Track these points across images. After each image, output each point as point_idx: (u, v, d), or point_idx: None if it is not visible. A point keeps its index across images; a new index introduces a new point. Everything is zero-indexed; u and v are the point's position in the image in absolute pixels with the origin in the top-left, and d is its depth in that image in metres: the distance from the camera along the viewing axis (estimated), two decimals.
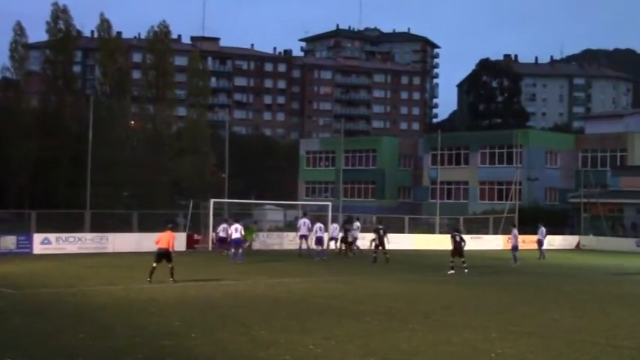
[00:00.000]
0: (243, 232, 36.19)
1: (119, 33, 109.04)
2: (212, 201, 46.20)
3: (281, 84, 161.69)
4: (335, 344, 14.67)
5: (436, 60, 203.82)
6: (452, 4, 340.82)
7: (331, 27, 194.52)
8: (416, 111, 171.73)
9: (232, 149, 56.13)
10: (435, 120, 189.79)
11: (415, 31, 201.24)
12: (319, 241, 39.99)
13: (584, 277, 32.14)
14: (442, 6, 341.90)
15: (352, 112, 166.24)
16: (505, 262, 38.99)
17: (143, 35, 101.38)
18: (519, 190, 65.12)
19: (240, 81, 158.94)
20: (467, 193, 79.07)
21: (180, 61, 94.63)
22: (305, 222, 41.77)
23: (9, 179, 72.22)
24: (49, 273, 28.75)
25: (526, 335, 16.29)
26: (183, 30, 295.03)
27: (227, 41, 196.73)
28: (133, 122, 78.85)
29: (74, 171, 62.55)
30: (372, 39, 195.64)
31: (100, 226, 43.99)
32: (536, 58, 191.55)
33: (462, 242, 32.38)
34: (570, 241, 60.43)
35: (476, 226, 60.12)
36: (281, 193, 76.77)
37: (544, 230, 45.29)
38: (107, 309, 19.03)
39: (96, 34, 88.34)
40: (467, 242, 34.06)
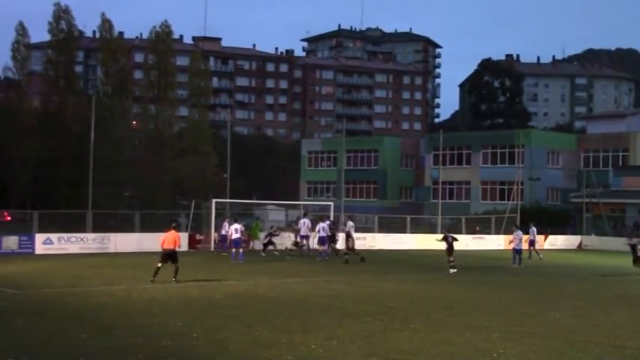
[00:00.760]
0: (243, 232, 36.26)
1: (121, 33, 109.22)
2: (214, 201, 46.19)
3: (283, 84, 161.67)
4: (337, 344, 14.67)
5: (438, 60, 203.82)
6: (453, 4, 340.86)
7: (333, 27, 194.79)
8: (418, 111, 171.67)
9: (234, 149, 56.16)
10: (437, 120, 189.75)
11: (417, 31, 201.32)
12: (322, 241, 40.02)
13: (586, 278, 32.11)
14: (444, 6, 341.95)
15: (354, 112, 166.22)
16: (506, 263, 38.95)
17: (145, 35, 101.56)
18: (521, 190, 65.08)
19: (241, 81, 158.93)
20: (469, 193, 79.06)
21: (181, 61, 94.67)
22: (305, 222, 41.76)
23: (11, 179, 72.27)
24: (51, 273, 28.76)
25: (528, 335, 16.27)
26: (185, 30, 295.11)
27: (229, 41, 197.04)
28: (135, 122, 78.89)
29: (76, 171, 62.59)
30: (374, 39, 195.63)
31: (102, 227, 44.02)
32: (538, 58, 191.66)
33: (454, 242, 33.09)
34: (572, 241, 60.37)
35: (478, 226, 60.07)
36: (283, 194, 76.76)
37: (535, 230, 45.13)
38: (109, 309, 19.03)
39: (97, 35, 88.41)
40: (468, 242, 34.35)
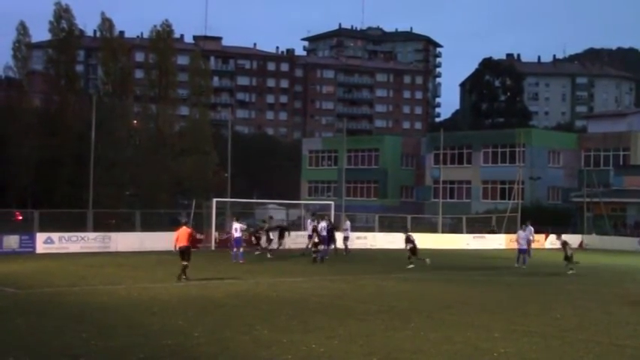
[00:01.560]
0: (244, 231, 36.40)
1: (121, 32, 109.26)
2: (214, 200, 46.19)
3: (283, 83, 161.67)
4: (338, 343, 14.67)
5: (438, 59, 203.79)
6: (454, 4, 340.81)
7: (334, 26, 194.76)
8: (418, 110, 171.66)
9: (235, 149, 56.14)
10: (438, 119, 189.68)
11: (418, 31, 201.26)
12: (323, 241, 40.12)
13: (586, 277, 32.09)
14: (444, 5, 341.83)
15: (355, 112, 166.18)
16: (507, 262, 38.94)
17: (146, 35, 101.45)
18: (522, 190, 65.04)
19: (242, 80, 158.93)
20: (469, 193, 79.07)
21: (182, 61, 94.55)
22: (309, 222, 42.26)
23: (11, 179, 72.28)
24: (52, 272, 28.77)
25: (528, 334, 16.27)
26: (185, 29, 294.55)
27: (229, 40, 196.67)
28: (136, 121, 78.88)
29: (77, 170, 62.60)
30: (375, 38, 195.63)
31: (103, 226, 44.03)
32: (538, 58, 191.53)
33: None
34: (573, 241, 59.89)
35: (478, 226, 60.08)
36: (284, 193, 76.76)
37: (532, 229, 45.01)
38: (109, 308, 19.03)
39: (98, 34, 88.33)
40: (469, 242, 34.70)
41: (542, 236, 50.92)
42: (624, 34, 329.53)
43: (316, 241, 36.75)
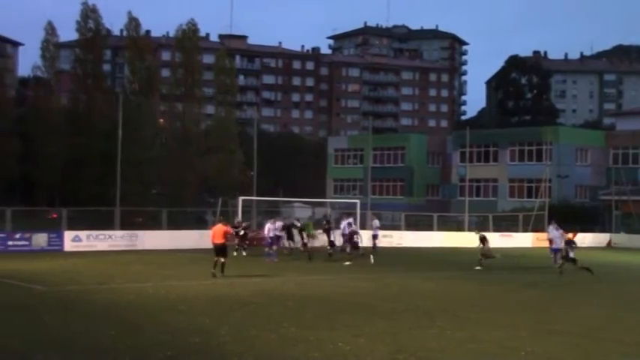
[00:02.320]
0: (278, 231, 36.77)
1: (148, 31, 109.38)
2: (240, 199, 46.30)
3: (309, 82, 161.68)
4: (364, 342, 14.65)
5: (464, 57, 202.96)
6: (480, 1, 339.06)
7: (359, 24, 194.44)
8: (444, 108, 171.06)
9: (260, 147, 56.23)
10: (464, 117, 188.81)
11: (443, 28, 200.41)
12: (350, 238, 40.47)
13: (614, 275, 31.81)
14: (470, 3, 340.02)
15: (380, 110, 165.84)
16: (533, 260, 38.69)
17: (171, 34, 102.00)
18: (549, 188, 64.65)
19: (268, 79, 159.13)
20: (496, 191, 78.66)
21: (208, 59, 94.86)
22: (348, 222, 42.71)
23: (40, 177, 72.96)
24: (80, 270, 28.99)
25: (555, 334, 16.16)
26: (211, 28, 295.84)
27: (255, 39, 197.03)
28: (162, 120, 79.29)
29: (103, 169, 63.05)
30: (400, 36, 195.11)
31: (130, 224, 44.27)
32: (565, 55, 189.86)
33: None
34: (601, 239, 59.84)
35: (505, 224, 59.76)
36: (309, 191, 76.80)
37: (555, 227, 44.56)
38: (136, 306, 19.14)
39: (125, 33, 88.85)
40: (496, 240, 34.73)
41: (570, 235, 50.37)
42: None
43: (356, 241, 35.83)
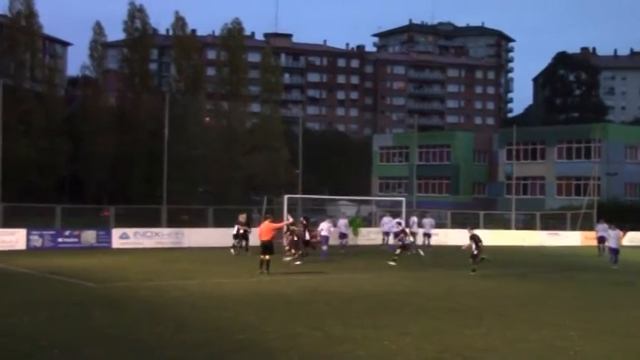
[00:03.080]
0: (330, 230, 36.73)
1: (194, 31, 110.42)
2: (286, 197, 46.36)
3: (354, 79, 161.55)
4: (410, 340, 14.56)
5: (511, 54, 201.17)
6: None
7: (404, 22, 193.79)
8: (490, 105, 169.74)
9: (305, 145, 56.24)
10: (510, 115, 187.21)
11: (489, 25, 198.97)
12: (396, 236, 40.66)
13: None
14: None
15: (426, 107, 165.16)
16: (580, 260, 38.16)
17: (217, 33, 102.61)
18: (598, 186, 63.73)
19: (313, 77, 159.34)
20: (543, 189, 77.82)
21: (253, 58, 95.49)
22: (390, 220, 43.09)
23: (88, 175, 73.98)
24: (127, 267, 29.30)
25: (605, 333, 15.90)
26: (256, 27, 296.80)
27: (300, 37, 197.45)
28: (207, 119, 79.84)
29: (150, 167, 63.65)
30: (446, 33, 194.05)
31: (176, 222, 44.61)
32: (615, 51, 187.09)
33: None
34: None
35: (553, 222, 59.03)
36: (355, 189, 76.65)
37: (606, 227, 43.85)
38: (182, 303, 19.25)
39: (171, 32, 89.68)
40: (543, 239, 33.72)
41: (620, 233, 49.67)
42: None
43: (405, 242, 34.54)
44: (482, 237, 30.12)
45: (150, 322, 16.00)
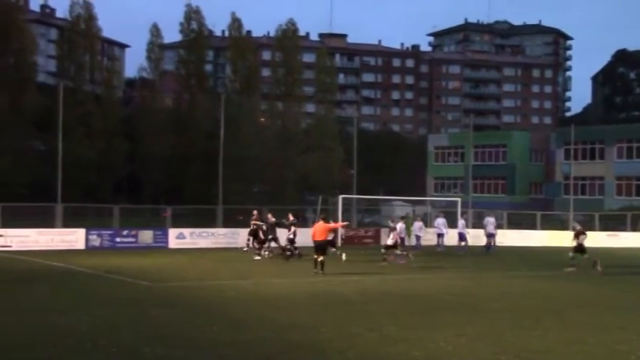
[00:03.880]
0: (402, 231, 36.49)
1: (249, 32, 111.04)
2: (340, 197, 46.40)
3: (409, 79, 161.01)
4: (465, 342, 14.44)
5: (569, 52, 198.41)
6: None
7: (459, 21, 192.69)
8: (548, 105, 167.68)
9: (360, 145, 56.20)
10: (568, 114, 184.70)
11: (547, 23, 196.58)
12: (462, 237, 40.39)
13: None
14: None
15: (481, 107, 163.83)
16: None
17: (272, 33, 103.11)
18: None
19: (367, 77, 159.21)
20: (602, 189, 76.57)
21: (308, 58, 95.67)
22: (444, 221, 43.53)
23: (145, 175, 74.92)
24: (184, 267, 29.62)
25: None
26: (311, 27, 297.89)
27: (355, 37, 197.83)
28: (263, 119, 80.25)
29: (206, 167, 64.20)
30: (502, 32, 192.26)
31: (232, 222, 44.93)
32: None
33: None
34: None
35: (612, 223, 58.03)
36: (410, 189, 76.34)
37: None
38: (238, 303, 19.38)
39: (227, 33, 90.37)
40: (603, 240, 33.22)
41: None
42: None
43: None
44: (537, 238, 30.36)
45: (206, 322, 16.14)
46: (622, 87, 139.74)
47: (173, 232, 41.01)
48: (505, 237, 49.40)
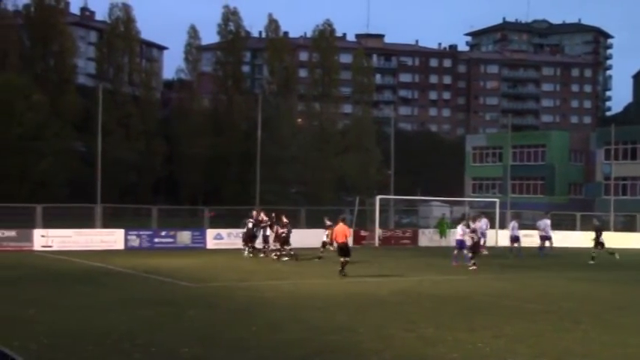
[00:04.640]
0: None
1: (286, 33, 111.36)
2: (378, 197, 46.32)
3: (446, 79, 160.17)
4: (504, 343, 14.34)
5: (609, 51, 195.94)
6: None
7: (497, 20, 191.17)
8: (587, 104, 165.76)
9: (398, 146, 56.08)
10: (608, 113, 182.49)
11: (586, 22, 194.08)
12: (515, 240, 40.21)
13: None
14: None
15: (520, 107, 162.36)
16: None
17: (309, 34, 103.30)
18: None
19: (405, 77, 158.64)
20: None
21: (345, 59, 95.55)
22: (487, 222, 42.24)
23: (183, 176, 75.47)
24: (221, 267, 29.77)
25: None
26: (348, 28, 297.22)
27: (392, 38, 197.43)
28: (300, 120, 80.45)
29: (243, 168, 64.55)
30: (541, 31, 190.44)
31: None
32: None
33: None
34: None
35: None
36: (447, 190, 75.98)
37: None
38: (276, 303, 19.44)
39: (264, 35, 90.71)
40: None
41: None
42: None
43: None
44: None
45: (244, 322, 16.20)
46: None
47: (211, 233, 41.25)
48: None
